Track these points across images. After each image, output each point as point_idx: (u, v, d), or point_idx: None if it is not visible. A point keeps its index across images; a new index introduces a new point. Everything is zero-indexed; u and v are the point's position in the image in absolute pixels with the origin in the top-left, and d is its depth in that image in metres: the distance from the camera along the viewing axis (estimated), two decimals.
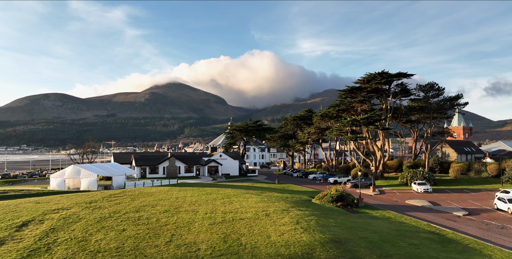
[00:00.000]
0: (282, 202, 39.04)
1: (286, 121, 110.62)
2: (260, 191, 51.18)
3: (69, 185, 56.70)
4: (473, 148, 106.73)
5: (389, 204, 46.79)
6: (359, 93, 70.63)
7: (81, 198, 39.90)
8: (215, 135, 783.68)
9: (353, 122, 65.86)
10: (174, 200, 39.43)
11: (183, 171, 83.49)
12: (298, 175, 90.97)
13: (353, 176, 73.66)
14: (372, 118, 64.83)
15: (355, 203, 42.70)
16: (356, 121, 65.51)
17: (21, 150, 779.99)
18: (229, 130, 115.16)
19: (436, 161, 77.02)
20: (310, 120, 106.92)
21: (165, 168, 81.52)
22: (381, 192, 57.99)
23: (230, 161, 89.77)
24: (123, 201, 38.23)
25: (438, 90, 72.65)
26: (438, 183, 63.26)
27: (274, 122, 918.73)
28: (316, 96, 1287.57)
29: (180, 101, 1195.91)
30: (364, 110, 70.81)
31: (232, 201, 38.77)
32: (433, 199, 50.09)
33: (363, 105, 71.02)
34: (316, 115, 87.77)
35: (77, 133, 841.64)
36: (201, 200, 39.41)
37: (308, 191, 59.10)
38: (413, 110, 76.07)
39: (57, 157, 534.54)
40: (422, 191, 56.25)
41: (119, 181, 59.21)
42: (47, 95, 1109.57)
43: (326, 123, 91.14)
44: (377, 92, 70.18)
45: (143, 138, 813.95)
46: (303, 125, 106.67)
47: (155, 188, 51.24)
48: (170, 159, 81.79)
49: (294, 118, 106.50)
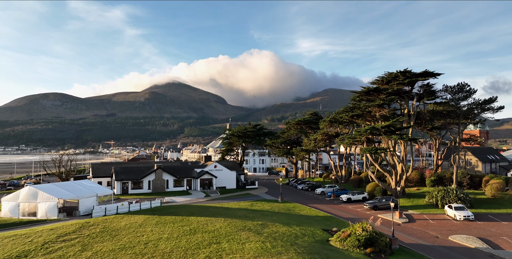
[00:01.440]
0: (291, 251, 27.71)
1: (289, 125, 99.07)
2: (261, 222, 39.81)
3: (23, 210, 45.36)
4: (496, 155, 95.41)
5: (428, 244, 35.43)
6: (377, 95, 59.23)
7: (9, 246, 28.54)
8: (215, 134, 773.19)
9: (371, 131, 54.48)
10: (141, 248, 28.05)
11: (171, 185, 72.09)
12: (303, 187, 79.59)
13: (369, 193, 62.28)
14: (394, 126, 53.46)
15: (388, 247, 31.46)
16: (376, 129, 54.09)
17: (20, 150, 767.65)
18: (227, 135, 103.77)
19: (465, 174, 65.60)
20: (315, 124, 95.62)
21: (151, 182, 70.14)
22: (409, 219, 46.59)
23: (226, 172, 78.39)
24: (67, 254, 26.84)
25: (469, 93, 61.25)
26: (474, 204, 51.92)
27: (274, 121, 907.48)
28: (315, 96, 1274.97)
29: (180, 100, 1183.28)
30: (383, 116, 59.44)
31: (221, 249, 27.44)
32: (483, 233, 38.75)
33: (382, 110, 59.62)
34: (324, 121, 76.39)
35: (76, 133, 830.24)
36: (179, 248, 28.02)
37: (320, 216, 47.70)
38: (438, 115, 64.76)
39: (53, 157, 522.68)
40: (461, 218, 44.90)
41: (88, 204, 47.86)
42: (46, 95, 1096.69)
43: (335, 129, 79.83)
44: (398, 94, 58.82)
45: (142, 138, 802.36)
46: (308, 130, 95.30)
47: (127, 219, 39.88)
48: (157, 171, 70.38)
49: (297, 122, 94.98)
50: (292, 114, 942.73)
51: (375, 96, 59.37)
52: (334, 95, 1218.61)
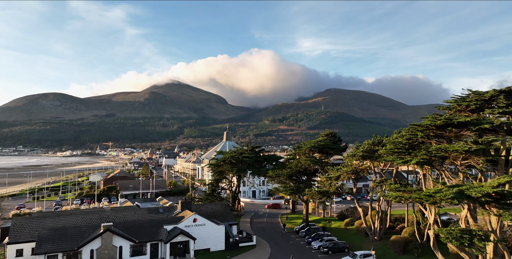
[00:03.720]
0: None
1: (298, 151, 73.96)
2: None
3: None
4: None
5: None
6: (456, 131, 34.59)
7: None
8: (215, 135, 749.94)
9: (460, 196, 29.77)
10: None
11: (127, 254, 47.62)
12: (321, 248, 54.81)
13: None
14: (507, 195, 28.69)
15: None
16: (469, 197, 29.37)
17: (17, 151, 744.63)
18: (217, 161, 79.03)
19: None
20: (333, 149, 71.14)
21: (95, 251, 45.69)
22: None
23: (211, 227, 53.74)
24: None
25: None
26: None
27: (275, 122, 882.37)
28: (317, 96, 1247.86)
29: (180, 101, 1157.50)
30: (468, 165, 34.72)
31: None
32: None
33: (470, 158, 34.80)
34: (352, 156, 51.79)
35: (74, 134, 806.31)
36: None
37: None
38: None
39: (46, 160, 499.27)
40: None
41: None
42: (45, 95, 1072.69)
43: (365, 165, 55.15)
44: (495, 130, 34.15)
45: (141, 139, 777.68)
46: (324, 158, 70.67)
47: None
48: (104, 235, 45.91)
49: (311, 148, 69.90)
50: (293, 115, 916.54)
51: (454, 132, 34.67)
52: (337, 95, 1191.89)
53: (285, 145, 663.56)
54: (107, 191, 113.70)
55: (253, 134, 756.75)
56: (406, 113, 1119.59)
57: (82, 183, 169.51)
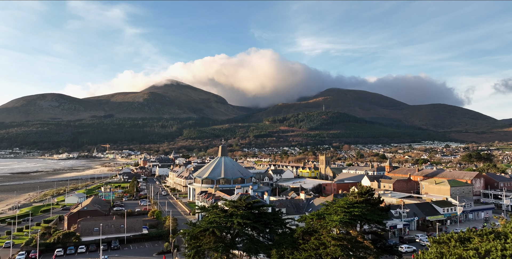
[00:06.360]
0: None
1: (321, 223, 46.35)
2: None
3: None
4: None
5: None
6: None
7: None
8: (214, 136, 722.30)
9: None
10: None
11: None
12: None
13: None
14: None
15: None
16: None
17: (13, 153, 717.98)
18: (193, 229, 51.47)
19: None
20: (373, 221, 44.18)
21: None
22: None
23: None
24: None
25: None
26: None
27: (275, 122, 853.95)
28: (318, 96, 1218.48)
29: (180, 101, 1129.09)
30: None
31: None
32: None
33: None
34: None
35: (72, 135, 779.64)
36: None
37: None
38: None
39: (39, 164, 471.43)
40: None
41: None
42: (44, 96, 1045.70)
43: None
44: None
45: (140, 140, 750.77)
46: (361, 238, 43.63)
47: None
48: None
49: (340, 223, 42.46)
50: (294, 115, 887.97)
51: None
52: (338, 95, 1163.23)
53: (286, 146, 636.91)
54: (64, 239, 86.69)
55: (253, 135, 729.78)
56: (408, 113, 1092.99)
57: (56, 207, 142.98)
